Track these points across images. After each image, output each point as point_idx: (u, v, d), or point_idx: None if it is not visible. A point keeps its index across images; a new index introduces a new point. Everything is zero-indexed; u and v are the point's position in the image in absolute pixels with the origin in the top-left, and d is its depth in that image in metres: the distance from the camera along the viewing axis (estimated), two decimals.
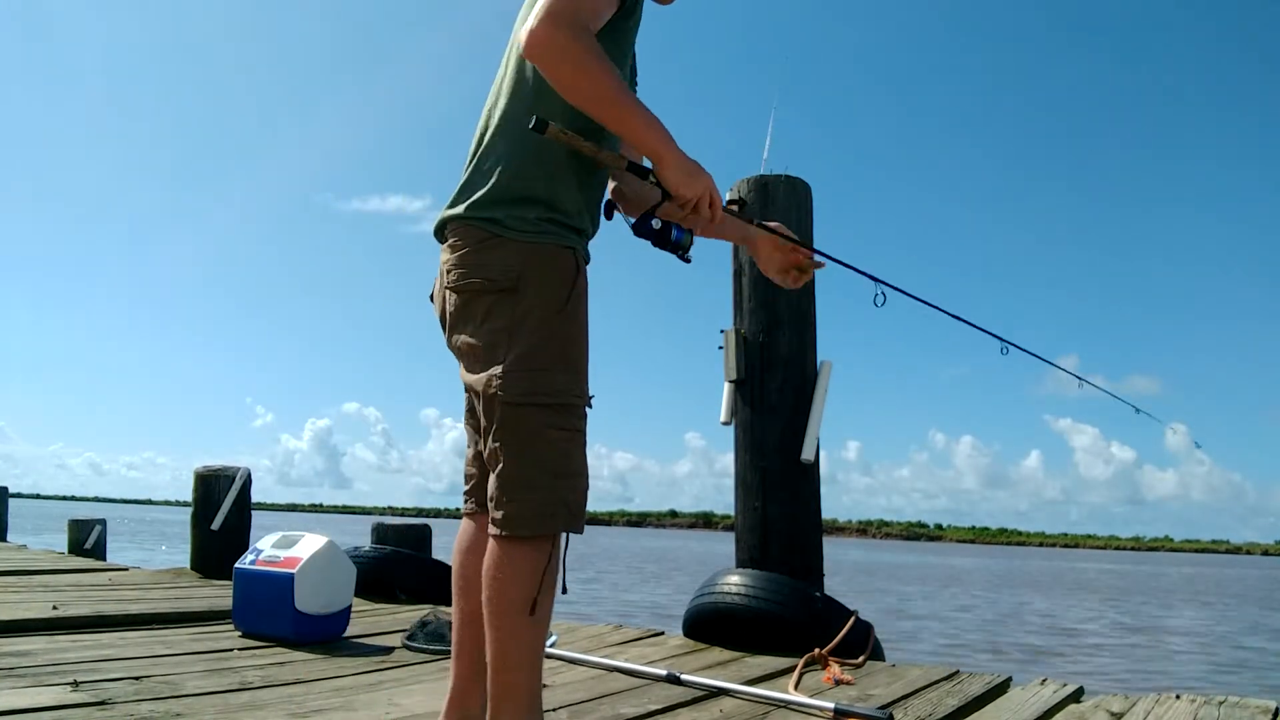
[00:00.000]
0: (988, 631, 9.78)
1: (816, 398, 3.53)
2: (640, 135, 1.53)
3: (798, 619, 3.15)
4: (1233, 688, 6.17)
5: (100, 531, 8.47)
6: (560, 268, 1.60)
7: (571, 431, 1.60)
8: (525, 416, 1.57)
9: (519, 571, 1.56)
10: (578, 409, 1.62)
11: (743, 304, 3.67)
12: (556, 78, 1.49)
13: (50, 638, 3.09)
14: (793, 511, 3.49)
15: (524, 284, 1.57)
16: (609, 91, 1.47)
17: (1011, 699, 2.61)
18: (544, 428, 1.57)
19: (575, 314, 1.62)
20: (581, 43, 1.45)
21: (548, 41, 1.44)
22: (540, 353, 1.57)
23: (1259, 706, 2.41)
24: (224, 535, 5.51)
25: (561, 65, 1.46)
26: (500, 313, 1.58)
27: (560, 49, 1.44)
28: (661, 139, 1.54)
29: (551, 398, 1.57)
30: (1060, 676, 2.92)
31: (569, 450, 1.60)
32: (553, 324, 1.58)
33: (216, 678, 2.54)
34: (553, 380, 1.58)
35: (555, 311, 1.58)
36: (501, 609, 1.56)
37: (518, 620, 1.56)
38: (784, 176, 3.65)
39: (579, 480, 1.62)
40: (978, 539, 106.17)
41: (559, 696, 2.43)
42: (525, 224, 1.58)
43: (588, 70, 1.46)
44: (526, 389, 1.56)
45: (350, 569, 3.37)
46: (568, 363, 1.60)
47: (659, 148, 1.54)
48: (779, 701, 2.42)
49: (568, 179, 1.63)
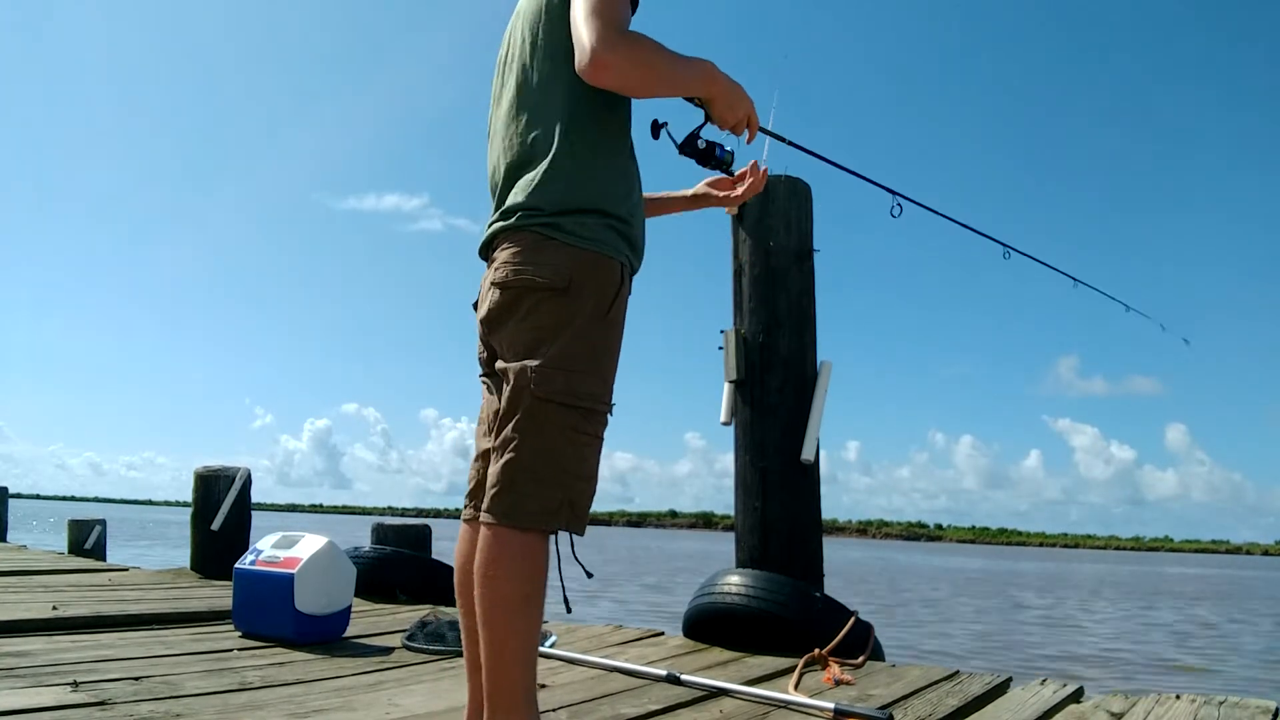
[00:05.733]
0: (988, 631, 9.78)
1: (816, 398, 3.53)
2: (693, 87, 1.66)
3: (798, 619, 3.15)
4: (1233, 688, 6.17)
5: (100, 532, 8.47)
6: (609, 276, 1.64)
7: (591, 436, 1.63)
8: (551, 414, 1.59)
9: (515, 565, 1.56)
10: (601, 416, 1.65)
11: (743, 304, 3.67)
12: (630, 90, 1.61)
13: (50, 638, 3.09)
14: (793, 511, 3.49)
15: (574, 287, 1.60)
16: (672, 73, 1.59)
17: (1011, 699, 2.61)
18: (566, 428, 1.60)
19: (615, 323, 1.66)
20: (637, 47, 1.53)
21: (613, 66, 1.52)
22: (577, 356, 1.60)
23: (1259, 706, 2.41)
24: (224, 535, 5.51)
25: (633, 79, 1.57)
26: (547, 311, 1.61)
27: (627, 66, 1.53)
28: (710, 79, 1.65)
29: (579, 400, 1.60)
30: (1060, 676, 2.92)
31: (585, 454, 1.63)
32: (593, 330, 1.62)
33: (216, 678, 2.54)
34: (584, 384, 1.61)
35: (598, 318, 1.62)
36: (496, 603, 1.56)
37: (513, 615, 1.56)
38: (784, 177, 3.65)
39: (588, 484, 1.63)
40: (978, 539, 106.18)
41: (559, 697, 2.43)
42: (583, 228, 1.62)
43: (651, 66, 1.56)
44: (558, 388, 1.59)
45: (350, 569, 3.37)
46: (600, 370, 1.64)
47: (710, 88, 1.66)
48: (779, 702, 2.42)
49: (618, 188, 1.68)
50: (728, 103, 1.69)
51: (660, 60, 1.56)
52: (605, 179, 1.66)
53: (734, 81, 1.69)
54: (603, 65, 1.51)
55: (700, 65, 1.64)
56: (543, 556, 1.59)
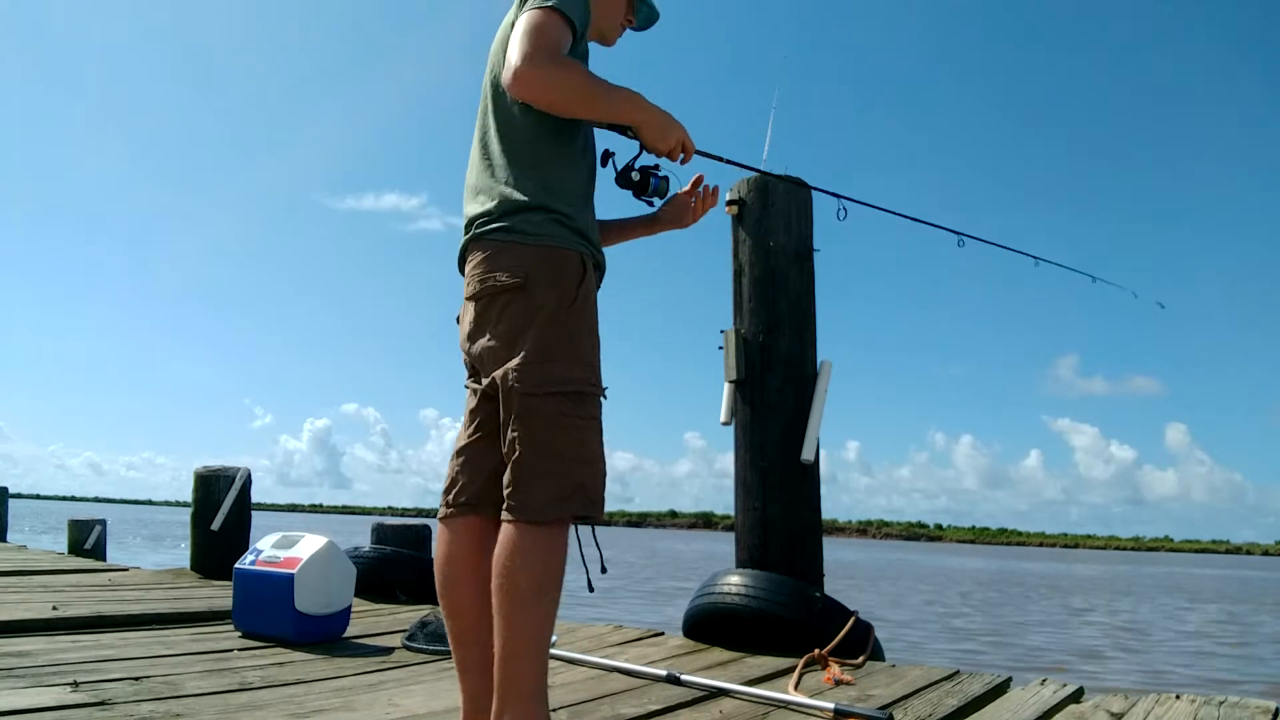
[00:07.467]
0: (988, 631, 9.78)
1: (816, 398, 3.52)
2: (621, 114, 1.74)
3: (798, 619, 3.15)
4: (1233, 688, 6.17)
5: (100, 532, 8.46)
6: (568, 267, 1.69)
7: (586, 419, 1.67)
8: (540, 406, 1.63)
9: (529, 558, 1.59)
10: (592, 397, 1.68)
11: (743, 304, 3.67)
12: (550, 106, 1.66)
13: (50, 638, 3.09)
14: (793, 511, 3.49)
15: (532, 282, 1.66)
16: (590, 97, 1.67)
17: (1011, 699, 2.61)
18: (558, 415, 1.63)
19: (583, 310, 1.70)
20: (557, 67, 1.61)
21: (530, 80, 1.60)
22: (551, 345, 1.65)
23: (1259, 706, 2.41)
24: (224, 536, 5.51)
25: (549, 95, 1.64)
26: (515, 310, 1.67)
27: (542, 82, 1.61)
28: (635, 107, 1.73)
29: (564, 386, 1.64)
30: (1060, 676, 2.92)
31: (583, 438, 1.66)
32: (563, 318, 1.66)
33: (216, 678, 2.54)
34: (564, 370, 1.65)
35: (565, 307, 1.67)
36: (510, 596, 1.58)
37: (525, 608, 1.58)
38: (784, 177, 3.65)
39: (595, 466, 1.67)
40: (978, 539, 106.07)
41: (559, 697, 2.43)
42: (532, 225, 1.68)
43: (568, 86, 1.63)
44: (541, 379, 1.63)
45: (350, 569, 3.38)
46: (579, 354, 1.68)
47: (635, 115, 1.74)
48: (779, 702, 2.43)
49: (562, 186, 1.73)
50: (658, 131, 1.75)
51: (579, 82, 1.64)
52: (547, 178, 1.71)
53: (664, 111, 1.75)
54: (520, 78, 1.59)
55: (625, 93, 1.72)
56: (557, 548, 1.61)
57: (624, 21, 1.95)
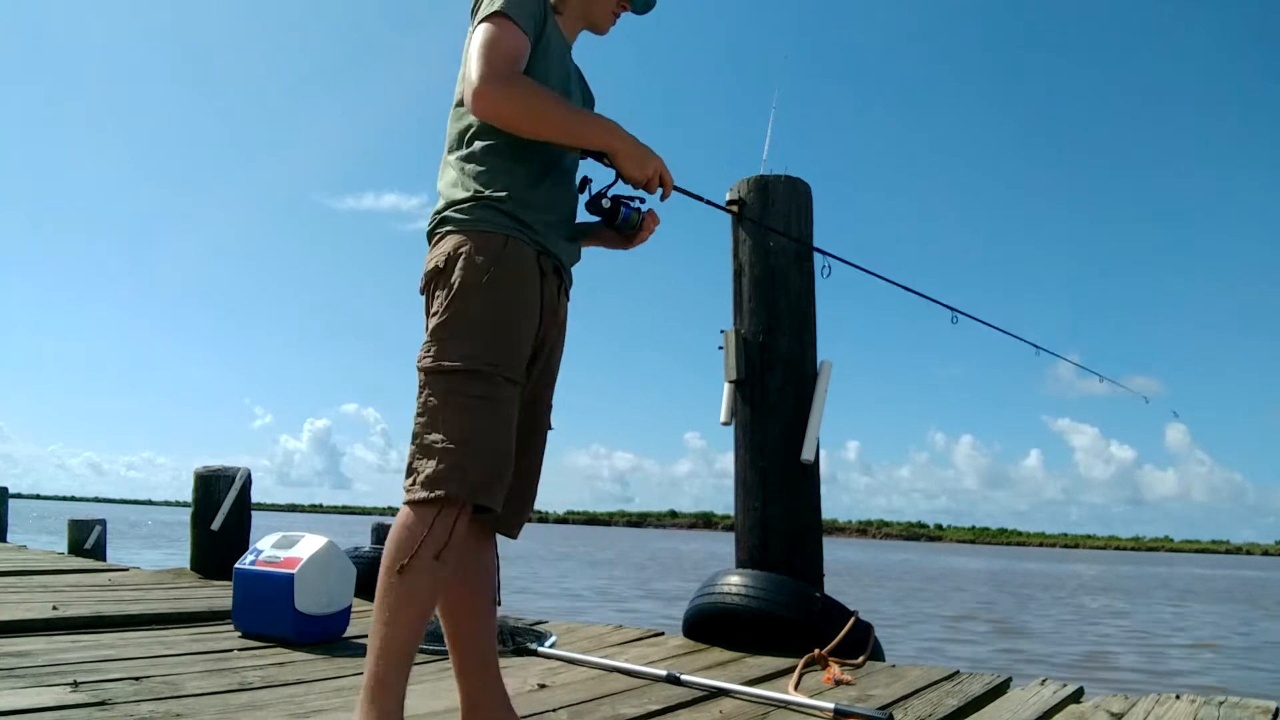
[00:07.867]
0: (988, 631, 9.78)
1: (816, 398, 3.52)
2: (591, 139, 1.71)
3: (798, 619, 3.15)
4: (1233, 688, 6.17)
5: (100, 532, 8.46)
6: (484, 247, 1.65)
7: (480, 399, 1.60)
8: (432, 383, 1.62)
9: (401, 533, 1.58)
10: (488, 376, 1.61)
11: (743, 304, 3.67)
12: (512, 127, 1.64)
13: (50, 638, 3.09)
14: (793, 511, 3.49)
15: (450, 264, 1.65)
16: (556, 121, 1.65)
17: (1011, 699, 2.61)
18: (447, 393, 1.61)
19: (493, 288, 1.63)
20: (518, 88, 1.60)
21: (490, 98, 1.59)
22: (449, 323, 1.63)
23: (1259, 707, 2.41)
24: (224, 536, 5.51)
25: (511, 116, 1.62)
26: (437, 296, 1.67)
27: (502, 101, 1.60)
28: (609, 134, 1.70)
29: (455, 362, 1.60)
30: (1060, 677, 2.92)
31: (468, 419, 1.59)
32: (468, 296, 1.63)
33: (216, 678, 2.54)
34: (458, 348, 1.61)
35: (474, 287, 1.63)
36: (382, 567, 1.58)
37: (385, 579, 1.57)
38: (784, 176, 3.65)
39: (474, 445, 1.58)
40: (978, 539, 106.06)
41: (559, 697, 2.43)
42: (463, 213, 1.67)
43: (532, 110, 1.62)
44: (436, 355, 1.62)
45: (350, 569, 3.37)
46: (478, 332, 1.62)
47: (609, 142, 1.71)
48: (779, 702, 2.43)
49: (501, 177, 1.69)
50: (634, 160, 1.71)
51: (544, 103, 1.63)
52: (491, 169, 1.69)
53: (640, 141, 1.73)
54: (479, 98, 1.59)
55: (598, 119, 1.72)
56: (420, 529, 1.56)
57: (618, 7, 1.89)
